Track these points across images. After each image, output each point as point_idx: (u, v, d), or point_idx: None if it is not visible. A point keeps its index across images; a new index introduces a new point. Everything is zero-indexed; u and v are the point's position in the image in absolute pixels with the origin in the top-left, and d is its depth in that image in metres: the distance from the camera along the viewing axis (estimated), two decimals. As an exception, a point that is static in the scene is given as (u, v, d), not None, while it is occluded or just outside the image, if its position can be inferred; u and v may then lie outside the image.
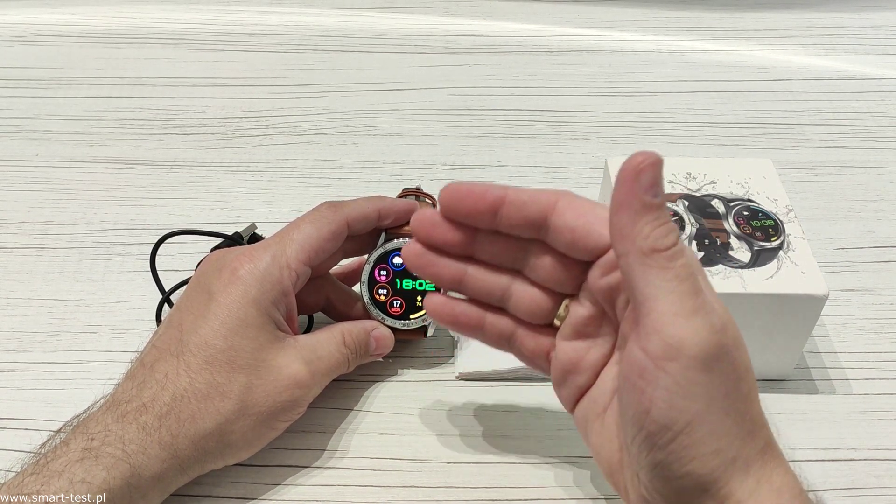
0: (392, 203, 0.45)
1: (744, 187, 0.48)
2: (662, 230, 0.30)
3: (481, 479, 0.42)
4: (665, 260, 0.30)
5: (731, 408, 0.31)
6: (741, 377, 0.31)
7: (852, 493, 0.41)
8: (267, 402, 0.39)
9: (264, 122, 0.66)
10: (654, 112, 0.68)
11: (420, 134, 0.66)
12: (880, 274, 0.54)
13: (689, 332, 0.30)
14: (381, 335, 0.45)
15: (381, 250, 0.45)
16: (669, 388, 0.30)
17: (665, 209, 0.31)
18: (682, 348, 0.30)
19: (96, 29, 0.77)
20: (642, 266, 0.30)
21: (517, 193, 0.35)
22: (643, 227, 0.30)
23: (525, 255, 0.36)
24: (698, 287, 0.30)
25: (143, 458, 0.36)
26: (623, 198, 0.31)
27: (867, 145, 0.65)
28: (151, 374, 0.38)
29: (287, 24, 0.78)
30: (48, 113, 0.67)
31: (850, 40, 0.77)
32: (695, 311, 0.30)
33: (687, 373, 0.30)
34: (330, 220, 0.42)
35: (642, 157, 0.30)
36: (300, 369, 0.40)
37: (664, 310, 0.30)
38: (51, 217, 0.57)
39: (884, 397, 0.46)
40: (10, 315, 0.50)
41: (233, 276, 0.40)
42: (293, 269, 0.40)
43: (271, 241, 0.42)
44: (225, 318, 0.39)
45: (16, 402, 0.45)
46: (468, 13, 0.81)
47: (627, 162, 0.31)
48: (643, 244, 0.30)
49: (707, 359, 0.30)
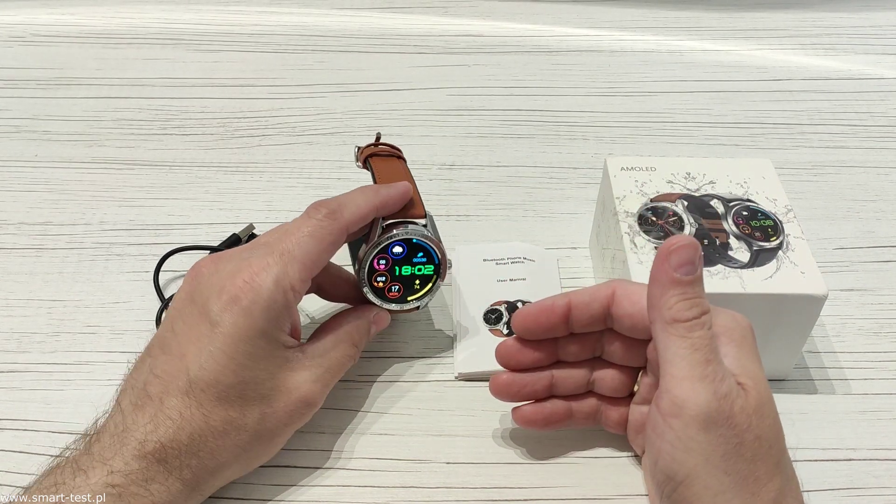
0: (386, 196, 0.43)
1: (743, 187, 0.48)
2: (686, 304, 0.35)
3: (481, 480, 0.42)
4: (685, 330, 0.35)
5: (731, 468, 0.33)
6: (744, 442, 0.34)
7: (852, 493, 0.41)
8: (279, 424, 0.39)
9: (263, 123, 0.66)
10: (654, 112, 0.68)
11: (419, 134, 0.65)
12: (879, 274, 0.54)
13: (693, 394, 0.34)
14: (379, 319, 0.45)
15: (381, 244, 0.43)
16: (672, 442, 0.34)
17: (696, 286, 0.35)
18: (685, 407, 0.34)
19: (95, 29, 0.77)
20: (665, 333, 0.35)
21: (578, 296, 0.40)
22: (669, 299, 0.35)
23: (600, 343, 0.41)
24: (711, 357, 0.34)
25: (166, 495, 0.36)
26: (655, 273, 0.36)
27: (866, 145, 0.65)
28: (162, 410, 0.36)
29: (286, 24, 0.78)
30: (47, 113, 0.67)
31: (849, 40, 0.77)
32: (703, 377, 0.34)
33: (687, 429, 0.34)
34: (330, 231, 0.40)
35: (677, 240, 0.35)
36: (310, 388, 0.40)
37: (676, 373, 0.34)
38: (50, 217, 0.57)
39: (883, 397, 0.46)
40: (10, 316, 0.50)
41: (234, 304, 0.37)
42: (297, 291, 0.39)
43: (271, 255, 0.39)
44: (234, 353, 0.37)
45: (15, 402, 0.45)
46: (467, 13, 0.81)
47: (665, 242, 0.36)
48: (667, 314, 0.35)
49: (706, 420, 0.33)
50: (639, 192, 0.48)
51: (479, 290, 0.51)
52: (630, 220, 0.46)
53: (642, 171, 0.49)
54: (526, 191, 0.60)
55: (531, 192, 0.60)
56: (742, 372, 0.35)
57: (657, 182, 0.48)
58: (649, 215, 0.46)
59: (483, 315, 0.49)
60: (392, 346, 0.49)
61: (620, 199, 0.47)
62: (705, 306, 0.35)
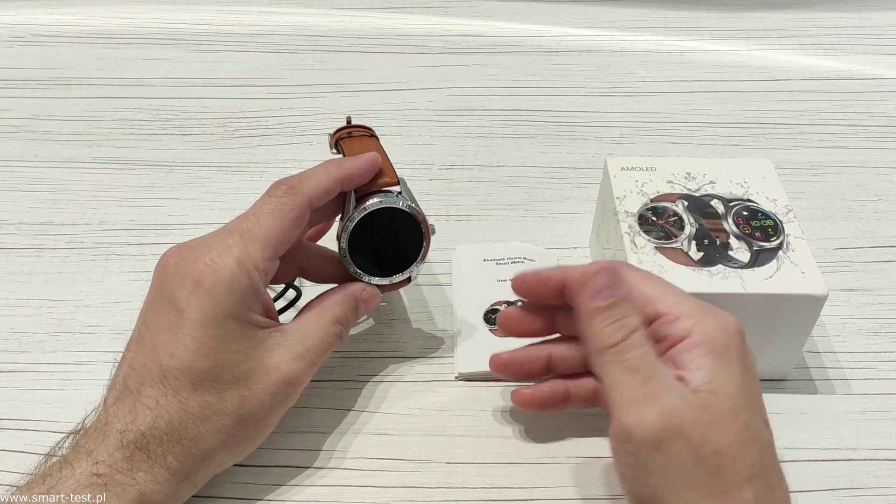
0: (351, 167, 0.42)
1: (743, 187, 0.48)
2: (612, 328, 0.35)
3: (481, 480, 0.42)
4: (616, 354, 0.35)
5: (694, 483, 0.33)
6: (701, 456, 0.33)
7: (852, 493, 0.41)
8: (262, 406, 0.39)
9: (263, 123, 0.66)
10: (654, 112, 0.68)
11: (419, 134, 0.65)
12: (879, 274, 0.54)
13: (637, 418, 0.33)
14: (368, 296, 0.43)
15: (355, 217, 0.42)
16: (631, 466, 0.34)
17: (619, 307, 0.36)
18: (632, 431, 0.33)
19: (95, 29, 0.77)
20: (599, 361, 0.36)
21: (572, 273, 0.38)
22: (594, 327, 0.36)
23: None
24: (650, 375, 0.34)
25: (153, 484, 0.36)
26: (576, 308, 0.37)
27: (866, 145, 0.65)
28: (140, 400, 0.37)
29: (286, 24, 0.78)
30: (47, 113, 0.67)
31: (848, 40, 0.77)
32: (644, 397, 0.34)
33: (640, 453, 0.33)
34: (291, 207, 0.39)
35: (590, 268, 0.37)
36: (290, 367, 0.39)
37: (618, 398, 0.34)
38: (50, 217, 0.57)
39: (883, 397, 0.46)
40: (10, 315, 0.50)
41: (198, 287, 0.37)
42: (261, 270, 0.38)
43: (231, 236, 0.39)
44: (203, 337, 0.37)
45: (15, 402, 0.45)
46: (467, 13, 0.81)
47: (580, 275, 0.37)
48: (597, 344, 0.36)
49: (655, 440, 0.33)
50: (639, 192, 0.48)
51: (479, 290, 0.51)
52: (630, 220, 0.46)
53: (642, 171, 0.49)
54: (526, 191, 0.60)
55: (531, 192, 0.60)
56: (710, 385, 0.34)
57: (657, 182, 0.48)
58: (649, 215, 0.46)
59: (483, 315, 0.49)
60: (392, 345, 0.49)
61: (621, 199, 0.47)
62: (632, 325, 0.35)
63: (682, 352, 0.35)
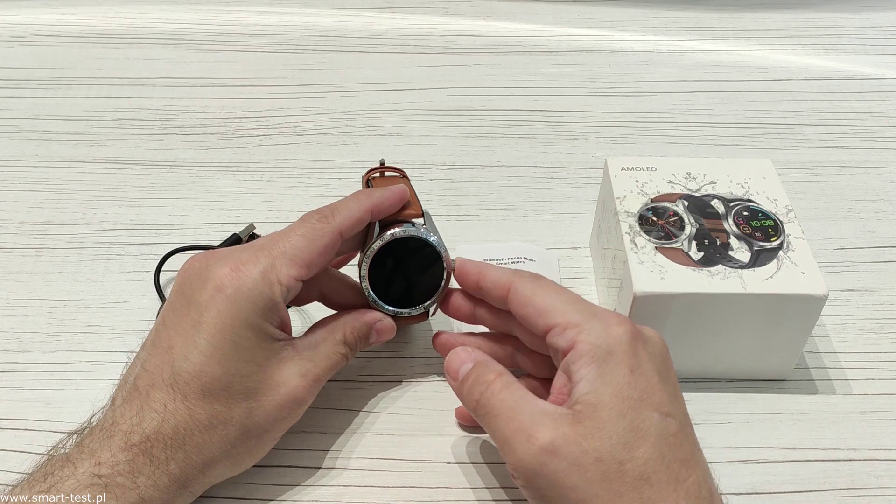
0: (381, 198, 0.42)
1: (743, 187, 0.48)
2: (469, 391, 0.38)
3: (481, 480, 0.42)
4: (479, 410, 0.37)
5: (588, 494, 0.33)
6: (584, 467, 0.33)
7: (852, 493, 0.41)
8: (269, 419, 0.39)
9: (264, 123, 0.66)
10: (654, 112, 0.68)
11: (419, 134, 0.66)
12: (880, 274, 0.54)
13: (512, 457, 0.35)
14: (383, 327, 0.43)
15: (376, 245, 0.43)
16: (532, 497, 0.36)
17: (471, 372, 0.38)
18: (515, 470, 0.35)
19: (96, 29, 0.77)
20: (478, 419, 0.38)
21: (490, 275, 0.41)
22: (462, 399, 0.39)
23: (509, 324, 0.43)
24: (510, 414, 0.35)
25: (153, 490, 0.36)
26: (452, 388, 0.40)
27: (867, 145, 0.65)
28: (148, 402, 0.37)
29: (287, 24, 0.78)
30: (48, 113, 0.67)
31: (849, 40, 0.77)
32: (511, 436, 0.35)
33: (532, 485, 0.35)
34: (323, 234, 0.40)
35: (447, 358, 0.40)
36: (297, 384, 0.39)
37: (498, 444, 0.36)
38: (50, 217, 0.57)
39: (884, 397, 0.46)
40: (10, 315, 0.50)
41: (219, 293, 0.37)
42: (284, 286, 0.39)
43: (261, 251, 0.39)
44: (218, 342, 0.37)
45: (15, 402, 0.45)
46: (468, 13, 0.81)
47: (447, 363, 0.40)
48: (471, 410, 0.38)
49: (534, 470, 0.34)
50: (639, 192, 0.48)
51: (480, 290, 0.51)
52: (631, 220, 0.46)
53: (643, 171, 0.49)
54: (526, 191, 0.60)
55: (531, 192, 0.60)
56: (589, 395, 0.35)
57: (658, 182, 0.48)
58: (650, 215, 0.46)
59: (483, 315, 0.49)
60: (392, 346, 0.49)
61: (621, 199, 0.47)
62: (488, 379, 0.37)
63: (570, 363, 0.36)
